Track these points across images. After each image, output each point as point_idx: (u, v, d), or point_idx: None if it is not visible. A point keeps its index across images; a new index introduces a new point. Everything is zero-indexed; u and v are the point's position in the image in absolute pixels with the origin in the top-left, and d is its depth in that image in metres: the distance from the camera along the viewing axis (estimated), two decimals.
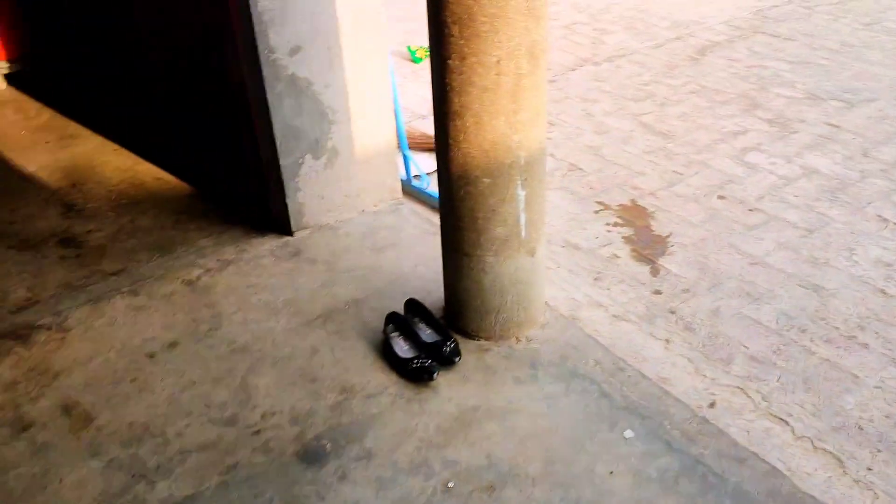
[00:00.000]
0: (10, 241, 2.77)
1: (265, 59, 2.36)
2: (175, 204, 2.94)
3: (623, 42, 4.34)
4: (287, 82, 2.43)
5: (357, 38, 2.50)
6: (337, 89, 2.53)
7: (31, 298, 2.46)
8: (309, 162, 2.59)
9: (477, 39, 1.75)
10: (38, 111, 3.80)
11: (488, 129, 1.84)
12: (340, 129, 2.59)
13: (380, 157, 2.75)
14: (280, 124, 2.47)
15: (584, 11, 4.79)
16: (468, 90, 1.81)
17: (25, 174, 3.22)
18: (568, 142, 3.37)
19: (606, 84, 3.87)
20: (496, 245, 2.01)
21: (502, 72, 1.78)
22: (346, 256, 2.58)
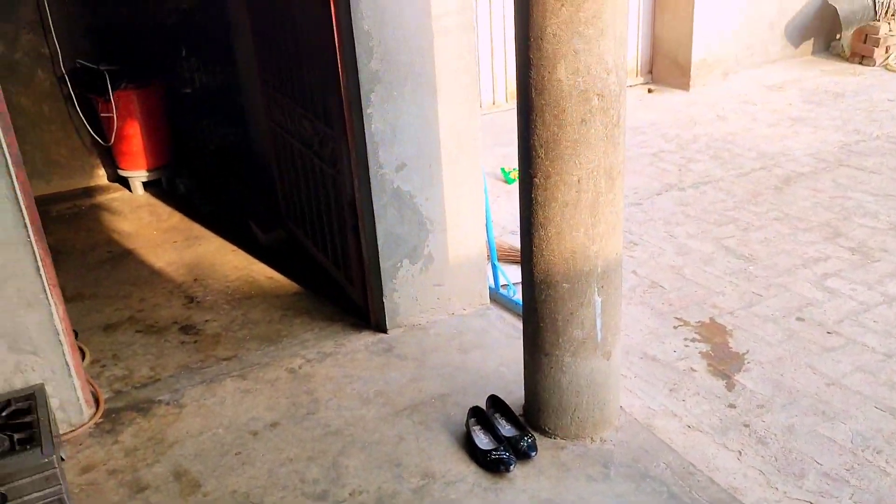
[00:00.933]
0: (138, 326, 3.11)
1: (374, 174, 2.67)
2: (283, 300, 3.24)
3: (708, 170, 4.52)
4: (392, 194, 2.73)
5: (455, 158, 2.79)
6: (435, 202, 2.81)
7: (153, 376, 2.76)
8: (406, 266, 2.84)
9: (560, 161, 1.98)
10: (169, 214, 4.26)
11: (569, 240, 2.05)
12: (436, 237, 2.85)
13: (470, 265, 2.98)
14: (383, 231, 2.76)
15: (671, 141, 5.03)
16: (552, 205, 2.03)
17: (155, 268, 3.61)
18: (650, 261, 3.52)
19: (690, 209, 4.04)
20: (574, 346, 2.17)
21: (582, 189, 2.00)
22: (434, 354, 2.78)
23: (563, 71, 1.89)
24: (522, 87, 1.98)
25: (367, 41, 2.51)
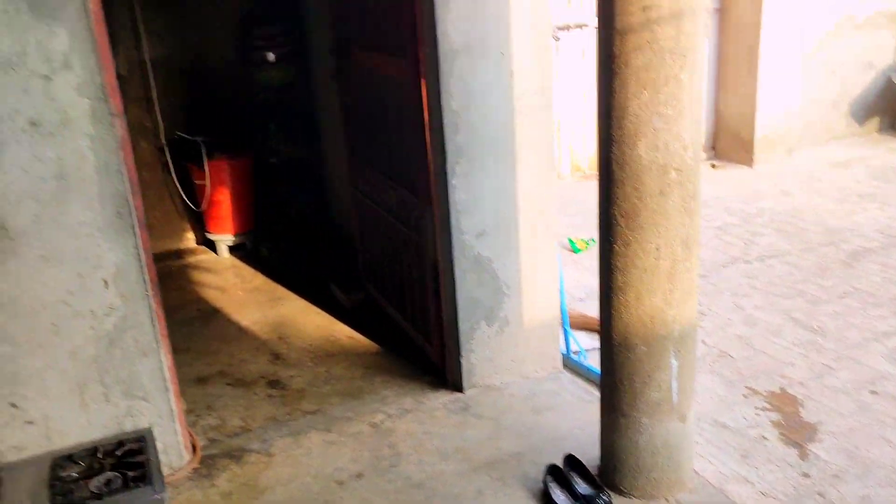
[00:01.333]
0: (228, 379, 3.30)
1: (456, 240, 2.85)
2: (364, 359, 3.40)
3: (774, 244, 4.59)
4: (472, 259, 2.89)
5: (532, 227, 2.96)
6: (512, 268, 2.96)
7: (244, 427, 2.92)
8: (483, 328, 2.98)
9: (640, 230, 2.12)
10: (253, 276, 4.51)
11: (647, 304, 2.17)
12: (512, 301, 2.99)
13: (544, 330, 3.11)
14: (463, 294, 2.91)
15: (735, 215, 5.11)
16: (631, 270, 2.16)
17: (242, 326, 3.82)
18: (718, 331, 3.59)
19: (757, 281, 4.10)
20: (650, 408, 2.27)
21: (660, 257, 2.13)
22: (509, 415, 2.88)
23: (644, 147, 2.05)
24: (604, 160, 2.15)
25: (455, 118, 2.72)
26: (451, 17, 2.62)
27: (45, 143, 2.21)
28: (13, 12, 2.11)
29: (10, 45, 2.12)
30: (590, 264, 4.45)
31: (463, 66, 2.68)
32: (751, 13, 5.95)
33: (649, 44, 1.97)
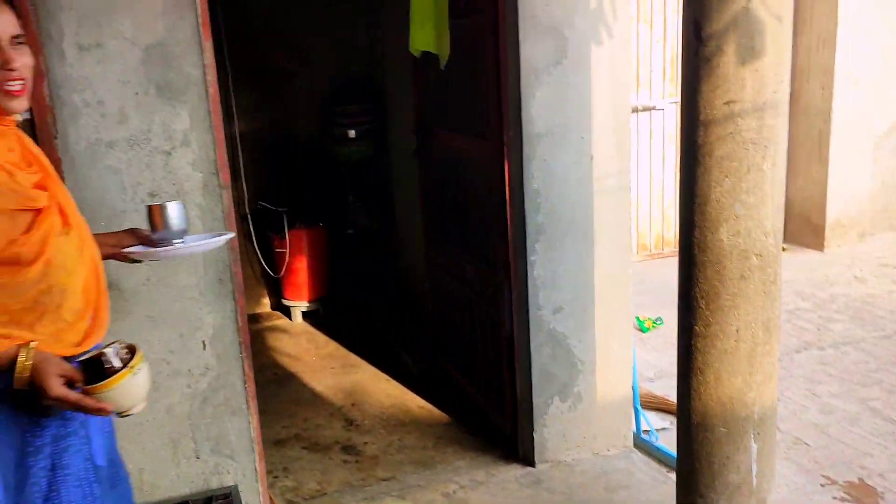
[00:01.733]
0: (304, 443, 3.39)
1: (533, 315, 2.93)
2: (435, 428, 3.46)
3: (849, 331, 4.53)
4: (547, 334, 2.97)
5: (608, 304, 3.02)
6: (587, 344, 3.02)
7: (320, 490, 3.00)
8: (556, 403, 3.03)
9: (720, 312, 2.18)
10: (326, 342, 4.65)
11: (726, 386, 2.20)
12: (586, 378, 3.04)
13: (616, 408, 3.13)
14: (537, 368, 2.97)
15: (808, 300, 5.07)
16: (710, 351, 2.21)
17: (316, 391, 3.94)
18: (793, 417, 3.55)
19: (832, 368, 4.05)
20: (729, 491, 2.27)
21: (740, 339, 2.17)
22: (581, 491, 2.89)
23: (725, 233, 2.12)
24: (685, 244, 2.22)
25: (536, 198, 2.84)
26: (535, 104, 2.77)
27: None
28: (143, 95, 2.34)
29: (138, 124, 2.34)
30: (657, 344, 4.46)
31: (545, 149, 2.82)
32: (821, 99, 6.01)
33: (732, 135, 2.06)
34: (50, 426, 1.52)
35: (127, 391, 1.49)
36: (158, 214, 1.83)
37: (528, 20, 2.72)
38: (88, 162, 2.33)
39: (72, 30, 2.24)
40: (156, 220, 1.83)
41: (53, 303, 1.50)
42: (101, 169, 2.34)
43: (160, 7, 2.33)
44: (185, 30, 2.36)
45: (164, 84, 2.36)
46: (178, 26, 2.35)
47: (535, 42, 2.74)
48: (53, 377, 1.41)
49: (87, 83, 2.28)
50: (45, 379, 1.41)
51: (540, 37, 2.74)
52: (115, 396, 1.47)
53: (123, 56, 2.31)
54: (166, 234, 1.85)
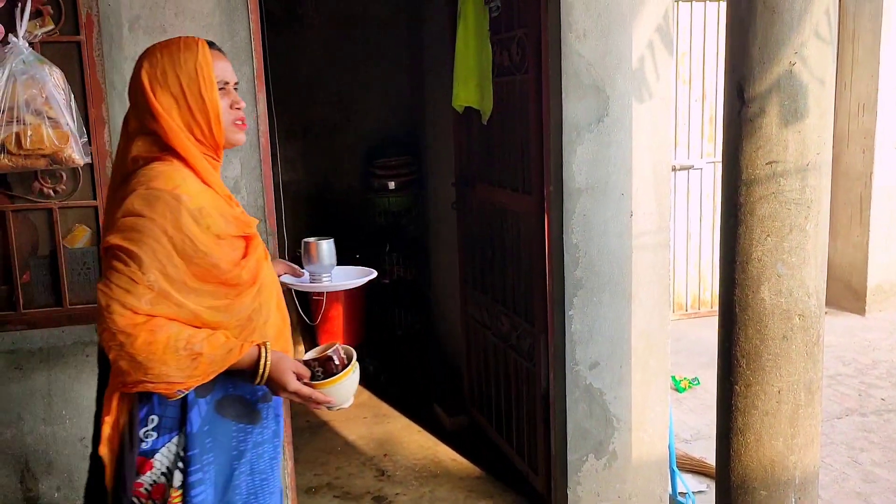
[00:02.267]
0: (336, 492, 3.38)
1: (570, 370, 2.92)
2: (467, 482, 3.43)
3: (892, 398, 4.42)
4: (583, 390, 2.95)
5: (645, 361, 3.00)
6: (623, 401, 2.99)
7: None
8: (591, 461, 2.99)
9: (762, 372, 2.16)
10: (359, 391, 4.64)
11: (767, 448, 2.17)
12: (622, 435, 3.01)
13: (652, 468, 3.08)
14: (572, 424, 2.95)
15: (849, 365, 4.97)
16: (751, 412, 2.18)
17: (349, 440, 3.93)
18: (834, 485, 3.45)
19: (874, 436, 3.95)
20: None
21: (782, 400, 2.15)
22: None
23: (767, 292, 2.12)
24: (726, 303, 2.22)
25: (575, 253, 2.86)
26: (577, 160, 2.81)
27: None
28: None
29: None
30: (694, 404, 4.39)
31: (585, 204, 2.85)
32: (861, 162, 5.98)
33: (775, 195, 2.08)
34: (252, 433, 1.68)
35: (346, 388, 1.67)
36: (312, 250, 2.05)
37: (572, 78, 2.78)
38: None
39: None
40: (310, 254, 2.06)
41: (261, 320, 1.65)
42: None
43: None
44: (242, 81, 2.45)
45: None
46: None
47: (578, 100, 2.79)
48: (290, 373, 1.59)
49: None
50: (284, 375, 1.59)
51: (582, 95, 2.79)
52: (337, 392, 1.65)
53: None
54: (317, 268, 2.09)
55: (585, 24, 2.77)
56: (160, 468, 1.60)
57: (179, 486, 1.59)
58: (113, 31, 2.31)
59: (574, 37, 2.76)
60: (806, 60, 2.03)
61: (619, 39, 2.81)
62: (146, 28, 2.34)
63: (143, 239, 1.48)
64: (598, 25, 2.78)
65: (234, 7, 2.43)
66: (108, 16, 2.30)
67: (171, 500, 1.59)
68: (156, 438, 1.59)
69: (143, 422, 1.59)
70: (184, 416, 1.59)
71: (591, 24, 2.77)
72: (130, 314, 1.45)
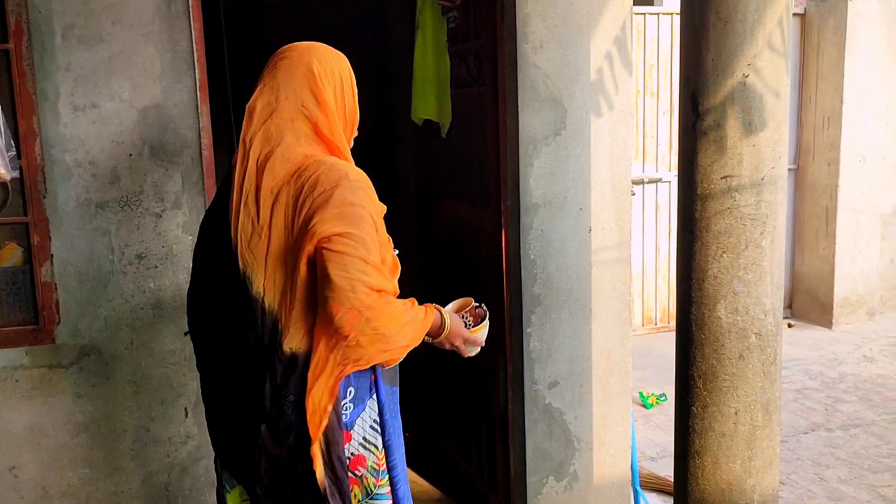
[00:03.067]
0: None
1: (528, 389, 2.84)
2: None
3: (858, 412, 4.39)
4: (542, 410, 2.87)
5: (605, 380, 2.93)
6: (583, 421, 2.92)
7: None
8: (551, 483, 2.91)
9: (718, 393, 2.09)
10: None
11: (725, 471, 2.10)
12: (583, 456, 2.93)
13: (614, 489, 3.01)
14: (532, 445, 2.87)
15: (815, 378, 4.94)
16: (708, 434, 2.11)
17: None
18: (799, 503, 3.40)
19: (840, 451, 3.91)
20: None
21: (739, 422, 2.08)
22: None
23: (723, 310, 2.05)
24: (683, 321, 2.15)
25: (532, 268, 2.79)
26: (534, 174, 2.74)
27: (147, 275, 2.37)
28: (136, 156, 2.32)
29: (130, 184, 2.32)
30: (661, 421, 4.33)
31: (543, 219, 2.78)
32: (827, 175, 6.00)
33: (730, 210, 2.02)
34: (397, 395, 1.82)
35: (486, 332, 1.91)
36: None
37: (528, 91, 2.71)
38: (77, 222, 2.30)
39: (67, 90, 2.24)
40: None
41: None
42: (89, 230, 2.31)
43: (159, 69, 2.34)
44: (183, 93, 2.37)
45: (158, 146, 2.36)
46: (176, 89, 2.36)
47: (535, 112, 2.73)
48: (462, 325, 1.84)
49: (80, 143, 2.27)
50: (459, 328, 1.83)
51: (539, 107, 2.73)
52: (483, 335, 1.90)
53: (119, 117, 2.31)
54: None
55: (542, 36, 2.71)
56: (357, 438, 1.68)
57: (381, 449, 1.72)
58: (44, 39, 2.21)
59: (530, 48, 2.70)
60: (760, 72, 1.97)
61: (577, 51, 2.75)
62: (81, 37, 2.24)
63: (361, 225, 1.56)
64: (554, 37, 2.72)
65: (174, 15, 2.33)
66: (39, 24, 2.19)
67: (378, 465, 1.71)
68: (352, 410, 1.68)
69: (342, 395, 1.66)
70: (371, 386, 1.71)
71: (547, 36, 2.71)
72: (374, 293, 1.52)
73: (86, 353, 2.33)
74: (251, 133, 1.67)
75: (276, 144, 1.63)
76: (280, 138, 1.63)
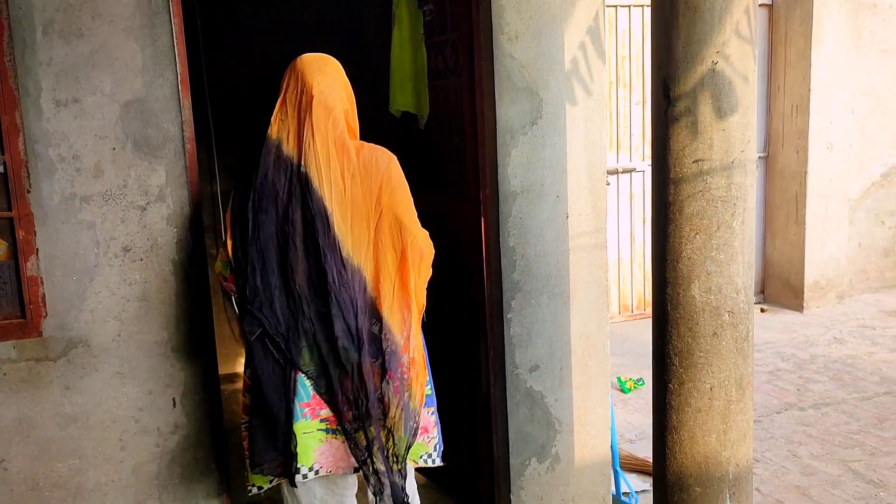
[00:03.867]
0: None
1: (510, 373, 2.91)
2: None
3: (829, 391, 4.51)
4: (524, 394, 2.94)
5: (584, 363, 3.01)
6: (564, 403, 2.99)
7: None
8: (534, 465, 2.98)
9: (694, 369, 2.17)
10: None
11: (701, 444, 2.18)
12: (564, 438, 3.00)
13: (595, 469, 3.09)
14: (514, 429, 2.94)
15: (788, 360, 5.06)
16: (685, 409, 2.19)
17: None
18: (774, 479, 3.50)
19: (812, 429, 4.02)
20: None
21: (714, 397, 2.16)
22: None
23: (697, 290, 2.13)
24: (659, 301, 2.23)
25: (512, 255, 2.85)
26: (511, 163, 2.80)
27: (133, 268, 2.39)
28: (120, 150, 2.35)
29: (114, 178, 2.34)
30: (639, 405, 4.43)
31: (521, 207, 2.84)
32: (796, 162, 6.13)
33: (702, 193, 2.09)
34: None
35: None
36: None
37: (504, 81, 2.77)
38: (62, 216, 2.32)
39: (49, 85, 2.26)
40: None
41: None
42: (74, 223, 2.33)
43: (140, 64, 2.36)
44: (165, 87, 2.39)
45: (141, 139, 2.38)
46: (158, 83, 2.39)
47: (511, 103, 2.79)
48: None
49: (63, 138, 2.29)
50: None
51: (515, 97, 2.79)
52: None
53: (101, 111, 2.33)
54: None
55: (517, 27, 2.77)
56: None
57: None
58: (26, 35, 2.22)
59: (506, 39, 2.76)
60: (728, 58, 2.05)
61: (551, 41, 2.82)
62: (61, 32, 2.26)
63: (408, 194, 2.37)
64: (529, 28, 2.78)
65: (155, 11, 2.36)
66: (19, 19, 2.21)
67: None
68: None
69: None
70: None
71: (522, 27, 2.77)
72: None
73: (73, 346, 2.35)
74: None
75: (336, 134, 2.28)
76: (335, 128, 2.29)
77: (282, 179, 2.18)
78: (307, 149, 2.19)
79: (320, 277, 2.18)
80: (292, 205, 2.18)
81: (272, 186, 2.18)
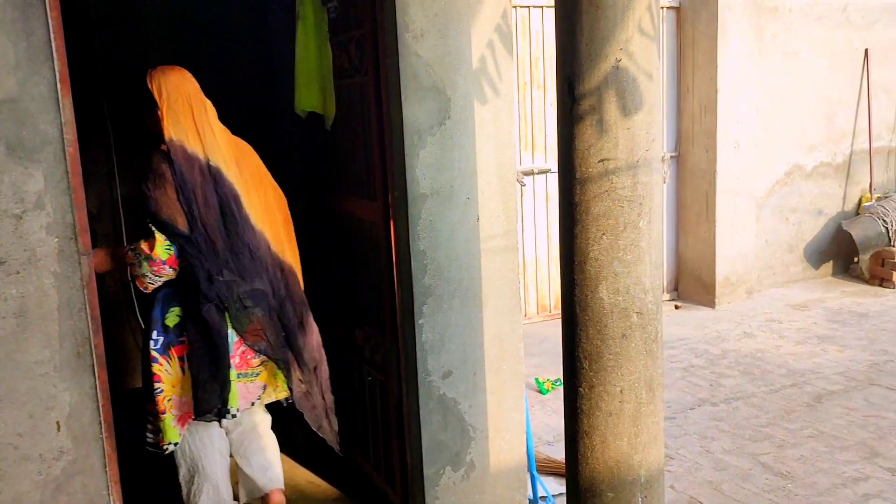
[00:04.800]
0: None
1: (423, 380, 2.82)
2: None
3: (740, 385, 4.61)
4: (437, 401, 2.86)
5: (498, 368, 2.95)
6: (478, 409, 2.93)
7: None
8: (448, 473, 2.91)
9: (604, 372, 2.13)
10: None
11: (612, 449, 2.14)
12: (479, 445, 2.94)
13: (510, 475, 3.03)
14: (428, 437, 2.86)
15: (701, 356, 5.16)
16: (596, 413, 2.15)
17: None
18: (687, 475, 3.54)
19: (724, 424, 4.09)
20: None
21: (625, 400, 2.13)
22: None
23: (605, 291, 2.09)
24: (567, 303, 2.18)
25: (422, 259, 2.77)
26: (420, 164, 2.72)
27: (8, 281, 2.20)
28: None
29: None
30: (557, 406, 4.42)
31: (431, 209, 2.76)
32: (705, 161, 6.27)
33: (608, 192, 2.05)
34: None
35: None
36: None
37: (411, 80, 2.69)
38: None
39: None
40: None
41: None
42: None
43: (12, 61, 2.17)
44: (41, 85, 2.21)
45: (15, 142, 2.19)
46: (33, 81, 2.20)
47: (418, 102, 2.71)
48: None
49: None
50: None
51: (422, 97, 2.71)
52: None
53: None
54: None
55: (422, 24, 2.69)
56: None
57: None
58: None
59: (411, 37, 2.68)
60: (633, 56, 2.01)
61: (458, 39, 2.75)
62: None
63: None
64: (435, 25, 2.70)
65: (28, 3, 2.17)
66: None
67: None
68: None
69: None
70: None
71: (428, 24, 2.70)
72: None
73: None
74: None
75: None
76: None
77: (194, 173, 2.63)
78: (211, 144, 2.70)
79: (242, 247, 2.71)
80: (208, 192, 2.65)
81: (190, 179, 2.62)
